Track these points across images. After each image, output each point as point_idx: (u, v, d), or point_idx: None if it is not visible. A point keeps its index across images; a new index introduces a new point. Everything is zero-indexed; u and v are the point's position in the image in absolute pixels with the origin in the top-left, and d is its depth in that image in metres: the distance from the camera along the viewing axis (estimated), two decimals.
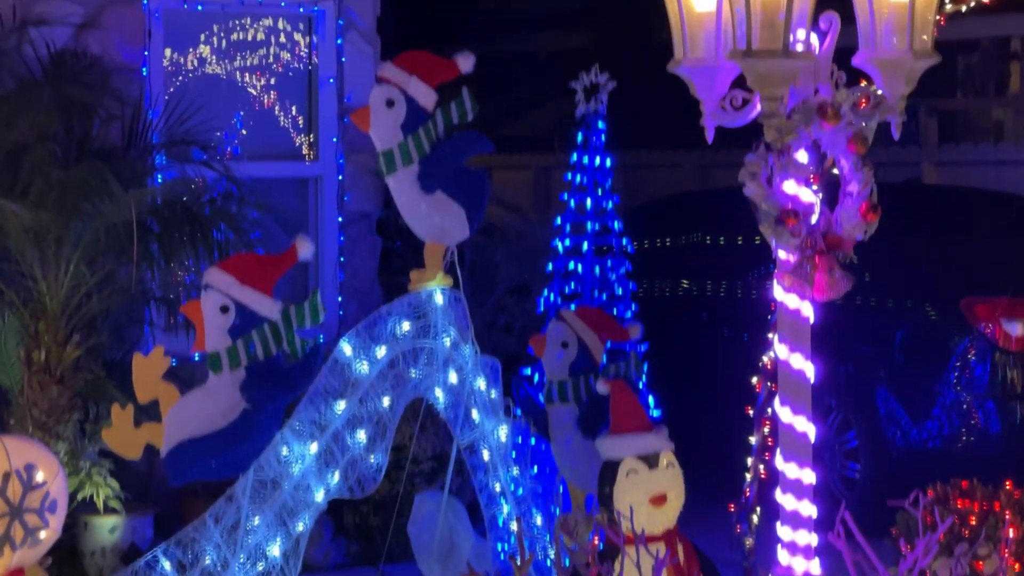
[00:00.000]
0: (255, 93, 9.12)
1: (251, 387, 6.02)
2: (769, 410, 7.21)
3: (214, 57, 8.96)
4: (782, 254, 5.47)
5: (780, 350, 5.57)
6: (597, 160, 8.23)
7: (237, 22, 9.01)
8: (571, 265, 8.30)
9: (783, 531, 5.55)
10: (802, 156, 5.44)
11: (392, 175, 6.33)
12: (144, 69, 8.55)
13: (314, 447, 6.09)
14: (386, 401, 6.26)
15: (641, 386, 7.74)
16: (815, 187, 5.47)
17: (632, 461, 6.28)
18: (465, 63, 6.31)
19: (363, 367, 6.22)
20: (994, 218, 9.40)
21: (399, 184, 6.34)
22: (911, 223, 8.93)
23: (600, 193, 8.26)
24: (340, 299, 9.13)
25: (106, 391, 7.36)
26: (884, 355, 8.84)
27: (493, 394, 6.62)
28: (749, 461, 7.53)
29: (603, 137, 8.21)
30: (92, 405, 7.47)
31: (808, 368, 5.54)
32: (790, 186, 5.41)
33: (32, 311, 7.26)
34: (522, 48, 20.48)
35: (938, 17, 5.63)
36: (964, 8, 12.21)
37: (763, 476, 7.41)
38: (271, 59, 9.12)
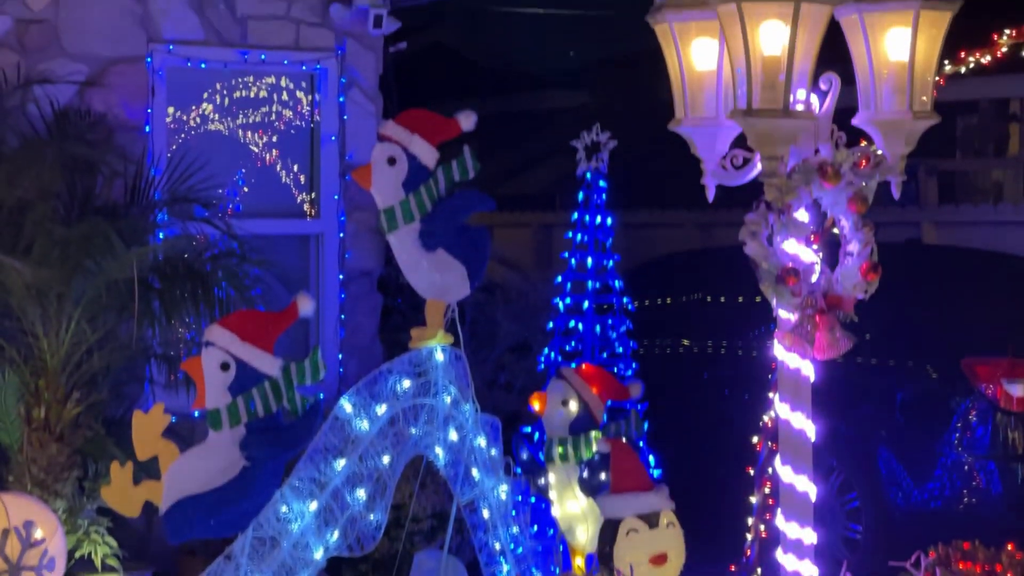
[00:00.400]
0: (257, 150, 9.16)
1: (251, 444, 6.01)
2: (770, 470, 7.19)
3: (216, 115, 9.01)
4: (783, 313, 5.48)
5: (781, 409, 5.56)
6: (598, 219, 8.25)
7: (240, 80, 9.06)
8: (572, 323, 8.30)
9: None
10: (802, 215, 5.46)
11: (393, 232, 6.35)
12: (147, 127, 8.60)
13: (313, 505, 6.07)
14: (386, 459, 6.24)
15: (642, 445, 7.73)
16: (815, 246, 5.49)
17: (632, 520, 6.27)
18: (466, 121, 6.34)
19: (363, 425, 6.21)
20: (994, 278, 9.41)
21: (400, 242, 6.36)
22: (912, 283, 8.93)
23: (601, 252, 8.28)
24: (340, 356, 9.13)
25: (105, 448, 7.34)
26: (885, 415, 8.82)
27: (493, 452, 6.61)
28: (750, 521, 7.51)
29: (604, 196, 8.23)
30: (91, 463, 7.45)
31: (809, 427, 5.54)
32: (791, 245, 5.42)
33: (33, 368, 7.25)
34: (523, 107, 20.58)
35: (937, 78, 5.67)
36: (963, 69, 12.28)
37: (764, 536, 7.38)
38: (273, 117, 9.17)
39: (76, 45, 8.46)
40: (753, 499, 7.48)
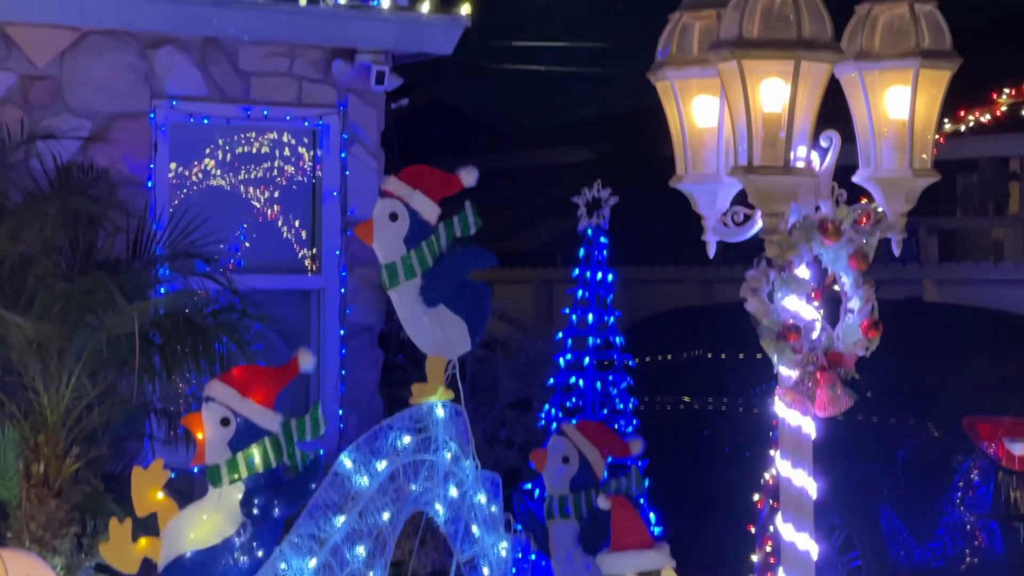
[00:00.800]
0: (259, 206, 9.18)
1: (251, 501, 5.99)
2: (771, 528, 7.16)
3: (219, 170, 9.04)
4: (783, 370, 5.47)
5: (782, 467, 5.55)
6: (599, 275, 8.26)
7: (242, 136, 9.10)
8: (573, 379, 8.29)
9: None
10: (803, 272, 5.47)
11: (395, 288, 6.35)
12: (149, 182, 8.63)
13: (313, 562, 6.04)
14: (386, 515, 6.21)
15: (642, 502, 7.70)
16: (816, 303, 5.49)
17: None
18: (468, 177, 6.35)
19: (363, 481, 6.19)
20: (995, 337, 9.41)
21: (402, 297, 6.36)
22: (913, 341, 8.93)
23: (602, 308, 8.28)
24: (341, 412, 9.11)
25: (104, 505, 7.31)
26: (887, 473, 8.79)
27: (493, 509, 6.58)
28: None
29: (605, 252, 8.25)
30: (90, 519, 7.41)
31: (810, 485, 5.51)
32: (791, 302, 5.43)
33: (32, 424, 7.23)
34: (525, 163, 20.66)
35: (937, 136, 5.69)
36: (963, 128, 12.35)
37: None
38: (275, 172, 9.20)
39: (80, 101, 8.51)
40: (754, 557, 7.45)
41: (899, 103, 5.52)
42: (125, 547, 5.96)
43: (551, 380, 8.35)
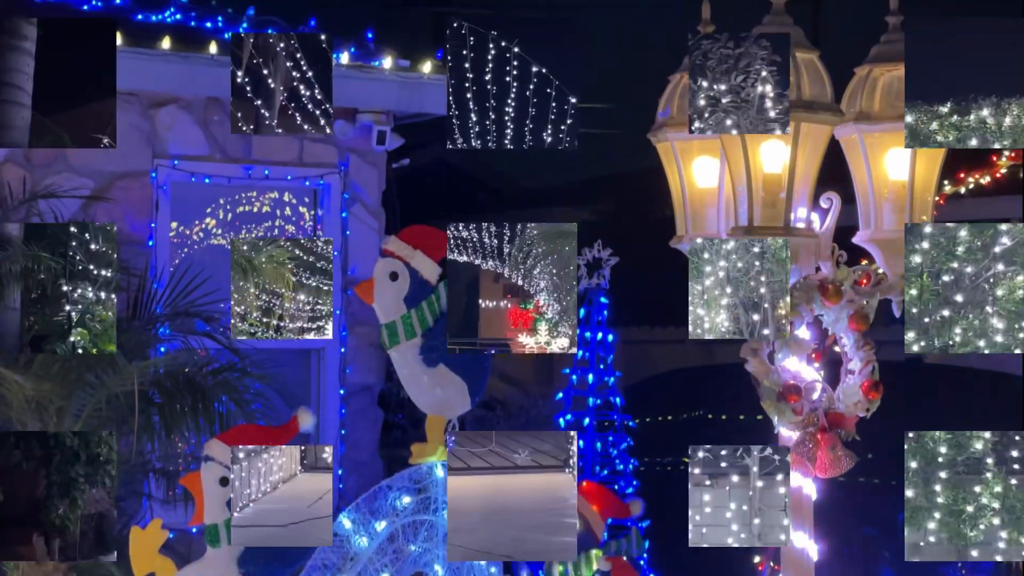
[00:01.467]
0: None
1: (249, 561, 5.96)
2: None
3: (219, 229, 9.05)
4: (784, 431, 5.46)
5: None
6: (599, 335, 8.25)
7: (243, 195, 9.12)
8: None
9: None
10: (804, 333, 5.46)
11: (395, 348, 6.33)
12: (150, 241, 8.63)
13: None
14: None
15: (643, 563, 7.66)
16: (817, 364, 5.48)
17: None
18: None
19: (362, 541, 6.15)
20: (996, 398, 9.40)
21: (402, 357, 6.34)
22: (914, 402, 8.91)
23: (602, 368, 8.27)
24: (340, 472, 9.07)
25: (102, 565, 7.27)
26: (888, 535, 8.76)
27: (493, 571, 6.54)
28: None
29: (605, 312, 8.24)
30: None
31: (811, 547, 5.49)
32: (792, 363, 5.42)
33: None
34: (525, 222, 20.66)
35: (937, 198, 5.70)
36: (963, 190, 12.36)
37: None
38: (276, 231, 9.21)
39: (82, 160, 8.52)
40: None
41: (899, 164, 5.53)
42: None
43: None
